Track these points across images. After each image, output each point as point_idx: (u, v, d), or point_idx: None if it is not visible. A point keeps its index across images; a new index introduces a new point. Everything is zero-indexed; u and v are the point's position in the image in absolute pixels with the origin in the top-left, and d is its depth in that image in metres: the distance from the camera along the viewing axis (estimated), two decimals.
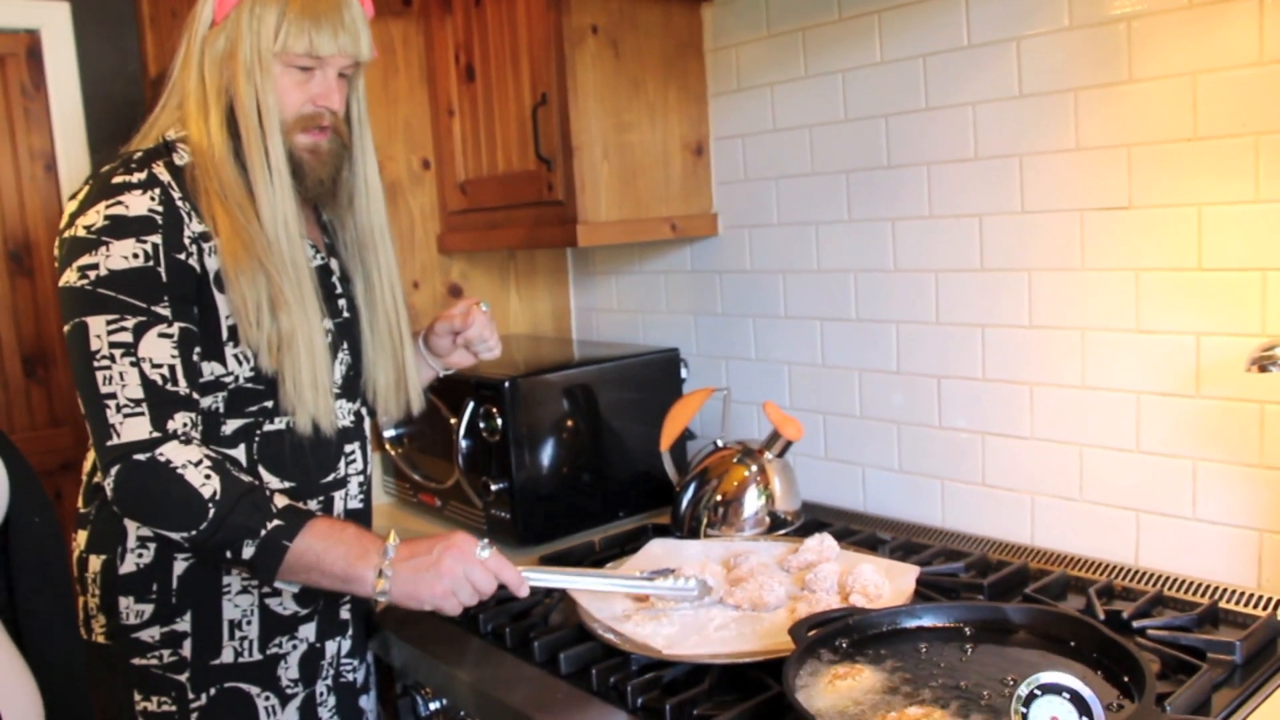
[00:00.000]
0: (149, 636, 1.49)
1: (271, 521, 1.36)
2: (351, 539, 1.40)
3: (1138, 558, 1.67)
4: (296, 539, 1.36)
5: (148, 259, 1.38)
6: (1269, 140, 1.46)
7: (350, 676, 1.65)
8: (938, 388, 1.92)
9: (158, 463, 1.34)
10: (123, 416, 1.35)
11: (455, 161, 2.45)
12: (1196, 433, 1.59)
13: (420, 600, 1.39)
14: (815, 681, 1.23)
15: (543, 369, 2.10)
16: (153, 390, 1.36)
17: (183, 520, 1.35)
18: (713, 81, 2.26)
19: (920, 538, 1.89)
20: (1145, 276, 1.61)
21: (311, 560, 1.37)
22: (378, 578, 1.38)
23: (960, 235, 1.84)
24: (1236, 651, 1.34)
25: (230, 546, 1.36)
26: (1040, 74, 1.69)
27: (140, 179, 1.42)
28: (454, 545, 1.40)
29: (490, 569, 1.41)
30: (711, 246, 2.32)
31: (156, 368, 1.37)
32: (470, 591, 1.40)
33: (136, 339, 1.36)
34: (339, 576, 1.38)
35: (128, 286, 1.37)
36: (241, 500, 1.36)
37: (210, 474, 1.35)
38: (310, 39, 1.45)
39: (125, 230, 1.38)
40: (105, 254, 1.37)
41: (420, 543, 1.42)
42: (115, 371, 1.35)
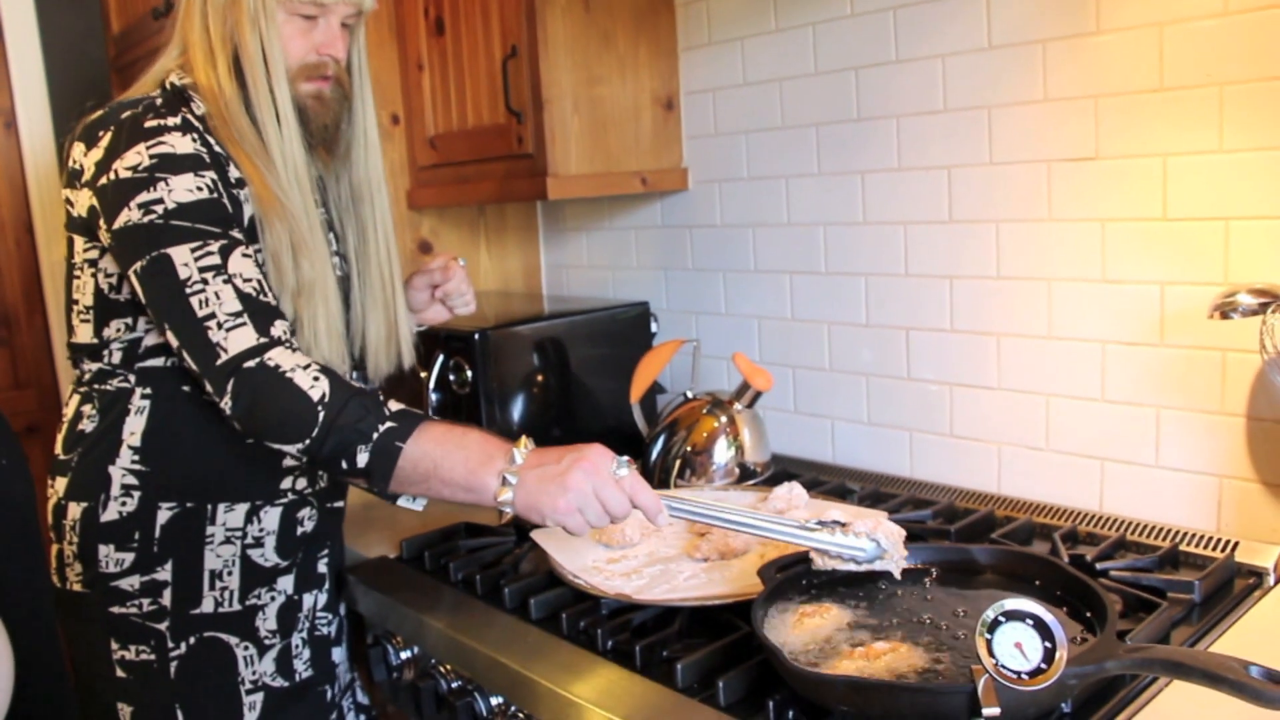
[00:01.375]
0: (128, 585, 1.48)
1: (385, 424, 1.31)
2: (474, 443, 1.33)
3: (1102, 504, 1.70)
4: (410, 442, 1.30)
5: (211, 191, 1.38)
6: (1233, 90, 1.47)
7: (325, 630, 1.65)
8: (906, 339, 1.93)
9: (267, 367, 1.31)
10: (225, 332, 1.32)
11: (425, 116, 2.43)
12: (1160, 381, 1.61)
13: (541, 513, 1.29)
14: (783, 621, 1.24)
15: (513, 322, 2.10)
16: (249, 301, 1.34)
17: (296, 427, 1.30)
18: (683, 35, 2.25)
19: (889, 488, 1.91)
20: (1111, 227, 1.63)
21: (429, 467, 1.31)
22: (501, 485, 1.29)
23: (929, 187, 1.85)
24: (1195, 590, 1.36)
25: (344, 454, 1.31)
26: (1009, 26, 1.70)
27: (176, 123, 1.41)
28: (584, 458, 1.30)
29: (625, 489, 1.30)
30: (682, 201, 2.32)
31: (247, 281, 1.36)
32: (599, 511, 1.29)
33: (224, 259, 1.35)
34: (460, 484, 1.31)
35: (201, 215, 1.36)
36: (350, 402, 1.31)
37: (319, 376, 1.32)
38: None
39: (179, 166, 1.37)
40: (167, 189, 1.36)
41: (550, 452, 1.33)
42: (210, 292, 1.33)
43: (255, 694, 1.54)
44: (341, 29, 1.53)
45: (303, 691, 1.60)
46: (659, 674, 1.28)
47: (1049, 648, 0.96)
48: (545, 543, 1.61)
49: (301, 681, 1.60)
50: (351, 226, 1.66)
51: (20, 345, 3.25)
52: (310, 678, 1.61)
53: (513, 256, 2.80)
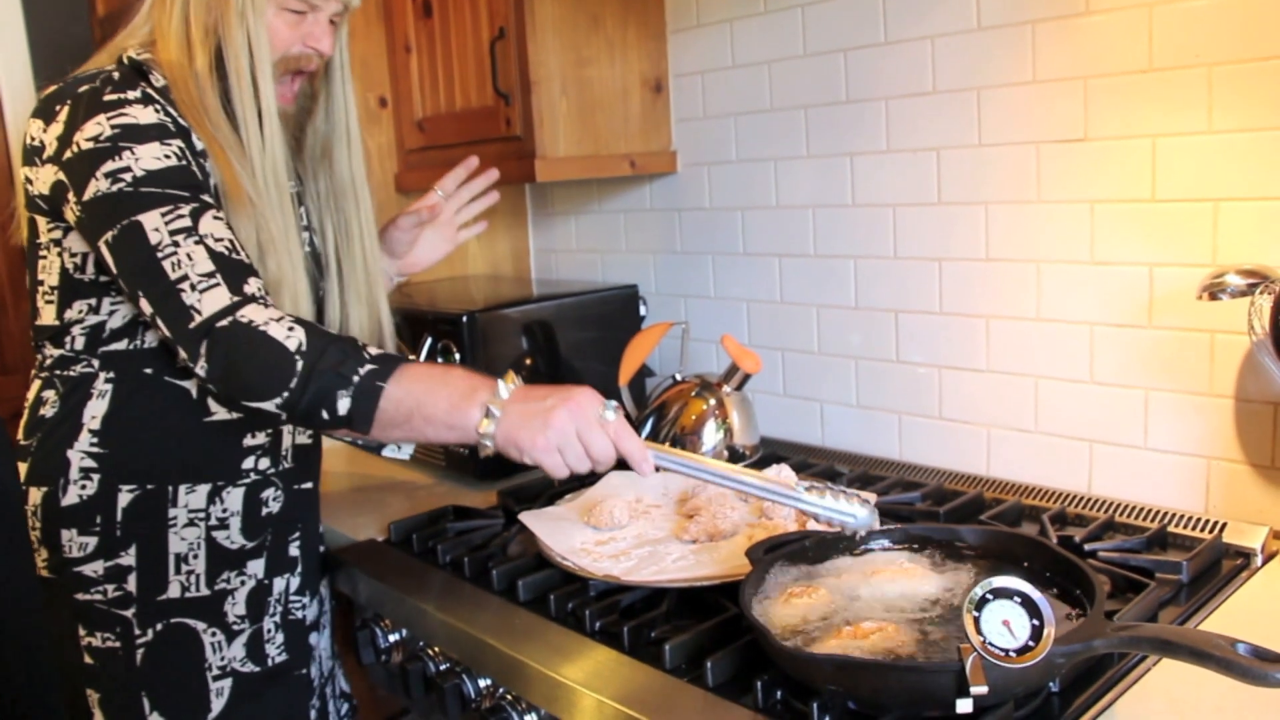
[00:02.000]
0: (92, 571, 1.47)
1: (365, 366, 1.28)
2: (458, 378, 1.31)
3: (1091, 486, 1.70)
4: (391, 381, 1.28)
5: (180, 158, 1.37)
6: (1222, 71, 1.47)
7: (299, 614, 1.63)
8: (895, 322, 1.93)
9: (240, 324, 1.28)
10: (199, 293, 1.30)
11: (413, 99, 2.42)
12: (1148, 363, 1.61)
13: (520, 447, 1.26)
14: (772, 600, 1.24)
15: (501, 304, 2.09)
16: (222, 260, 1.32)
17: (275, 380, 1.27)
18: (672, 18, 2.24)
19: (878, 470, 1.91)
20: (1100, 208, 1.63)
21: (412, 405, 1.28)
22: (484, 417, 1.26)
23: (918, 169, 1.85)
24: (1183, 571, 1.37)
25: (325, 402, 1.28)
26: (998, 7, 1.69)
27: (136, 95, 1.39)
28: (571, 398, 1.27)
29: (610, 434, 1.27)
30: (670, 184, 2.32)
31: (219, 241, 1.33)
32: (580, 454, 1.26)
33: (195, 221, 1.33)
34: (441, 420, 1.28)
35: (170, 181, 1.34)
36: (329, 347, 1.29)
37: (294, 326, 1.29)
38: None
39: (144, 136, 1.36)
40: (133, 157, 1.34)
41: (538, 389, 1.30)
42: (182, 254, 1.31)
43: (223, 680, 1.52)
44: (329, 25, 1.52)
45: (277, 675, 1.58)
46: (647, 655, 1.28)
47: (1036, 625, 0.96)
48: (534, 525, 1.60)
49: (275, 666, 1.58)
50: (332, 223, 1.64)
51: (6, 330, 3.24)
52: (285, 662, 1.59)
53: (501, 240, 2.79)
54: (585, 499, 1.73)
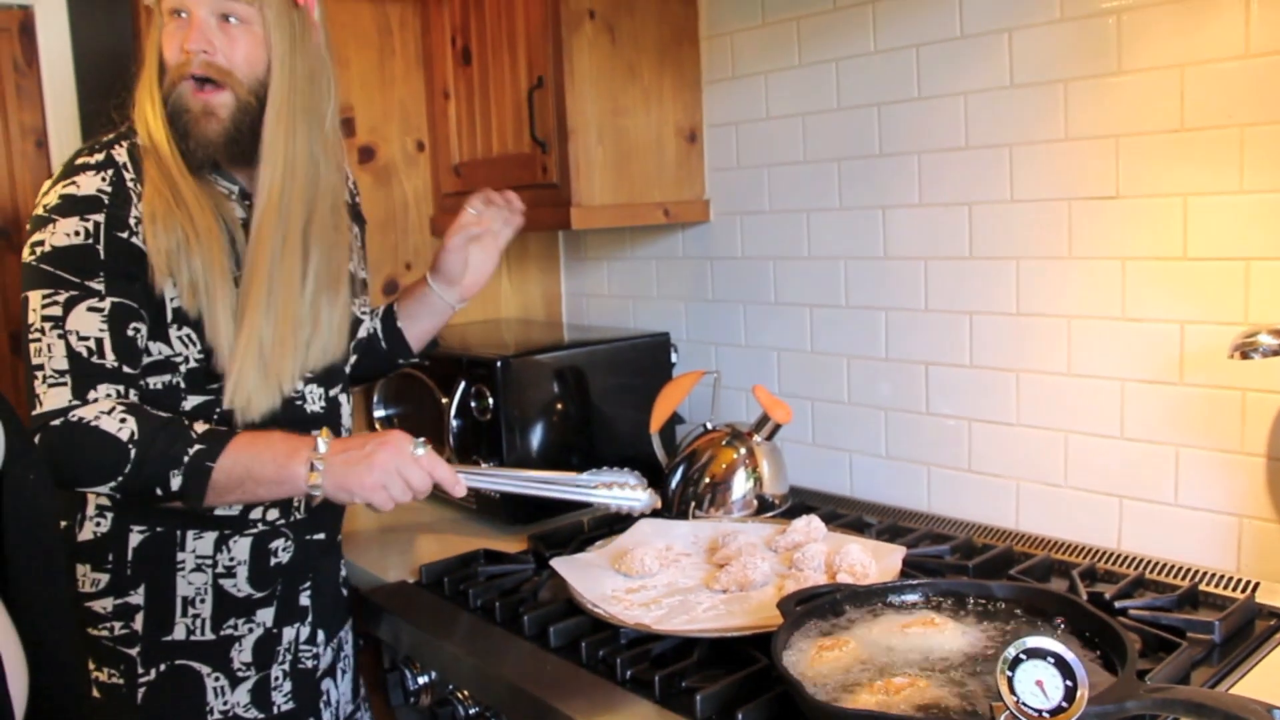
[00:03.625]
0: (102, 607, 1.50)
1: (193, 447, 1.36)
2: (279, 441, 1.41)
3: (1120, 542, 1.70)
4: (220, 457, 1.36)
5: (88, 236, 1.41)
6: (1254, 132, 1.48)
7: (310, 663, 1.64)
8: (925, 374, 1.94)
9: (70, 422, 1.35)
10: (47, 386, 1.37)
11: (450, 144, 2.46)
12: (1179, 420, 1.61)
13: (350, 491, 1.39)
14: (802, 653, 1.25)
15: (535, 350, 2.12)
16: (77, 361, 1.38)
17: (107, 469, 1.35)
18: (707, 69, 2.27)
19: (906, 522, 1.91)
20: (1131, 265, 1.64)
21: (241, 473, 1.37)
22: (310, 471, 1.38)
23: (950, 223, 1.86)
24: (1215, 631, 1.36)
25: (158, 482, 1.36)
26: (1031, 65, 1.72)
27: (98, 160, 1.45)
28: (387, 442, 1.40)
29: (424, 466, 1.41)
30: (703, 233, 2.34)
31: (83, 340, 1.39)
32: (402, 487, 1.40)
33: (66, 312, 1.39)
34: (271, 479, 1.39)
35: (65, 262, 1.40)
36: (159, 433, 1.36)
37: (125, 417, 1.36)
38: None
39: (72, 209, 1.42)
40: (51, 231, 1.41)
41: (353, 439, 1.43)
42: (45, 343, 1.38)
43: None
44: (222, 22, 1.47)
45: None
46: (679, 705, 1.29)
47: (1070, 686, 0.96)
48: (565, 571, 1.62)
49: (280, 714, 1.59)
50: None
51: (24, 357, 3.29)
52: (291, 710, 1.60)
53: (534, 284, 2.82)
54: (616, 546, 1.74)
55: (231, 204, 1.54)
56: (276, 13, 1.49)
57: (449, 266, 1.77)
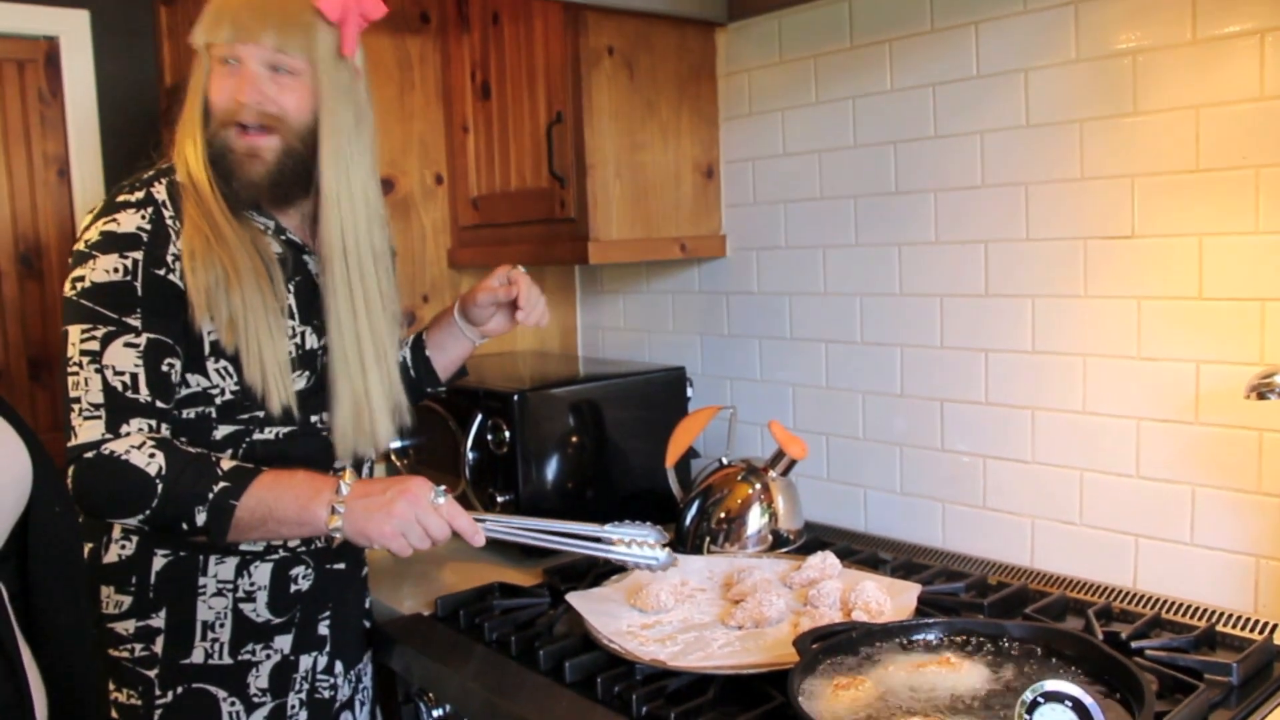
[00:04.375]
0: (124, 629, 1.51)
1: (219, 484, 1.39)
2: (302, 482, 1.42)
3: (1136, 582, 1.70)
4: (244, 495, 1.39)
5: (126, 274, 1.44)
6: (1269, 173, 1.49)
7: (326, 693, 1.65)
8: (940, 411, 1.95)
9: (102, 455, 1.38)
10: (82, 419, 1.41)
11: (468, 177, 2.48)
12: (1195, 459, 1.62)
13: (369, 537, 1.41)
14: (818, 691, 1.25)
15: (551, 383, 2.13)
16: (112, 396, 1.41)
17: (134, 502, 1.38)
18: (725, 105, 2.29)
19: (921, 558, 1.91)
20: (1147, 304, 1.64)
21: (264, 512, 1.40)
22: (330, 515, 1.40)
23: (965, 261, 1.87)
24: (1233, 673, 1.36)
25: (183, 517, 1.39)
26: (1047, 105, 1.73)
27: (138, 198, 1.49)
28: (408, 489, 1.42)
29: (443, 515, 1.42)
30: (719, 268, 2.35)
31: (119, 375, 1.42)
32: (420, 534, 1.41)
33: (103, 347, 1.42)
34: (293, 520, 1.41)
35: (104, 298, 1.43)
36: (187, 469, 1.39)
37: (154, 452, 1.39)
38: (211, 29, 1.51)
39: (112, 246, 1.45)
40: (91, 267, 1.44)
41: (375, 483, 1.45)
42: (82, 377, 1.42)
43: None
44: (273, 74, 1.51)
45: None
46: None
47: None
48: (580, 606, 1.62)
49: None
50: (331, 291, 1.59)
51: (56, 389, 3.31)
52: None
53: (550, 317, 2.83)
54: (631, 581, 1.74)
55: (268, 239, 1.57)
56: (325, 64, 1.53)
57: (474, 316, 1.80)
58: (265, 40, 1.49)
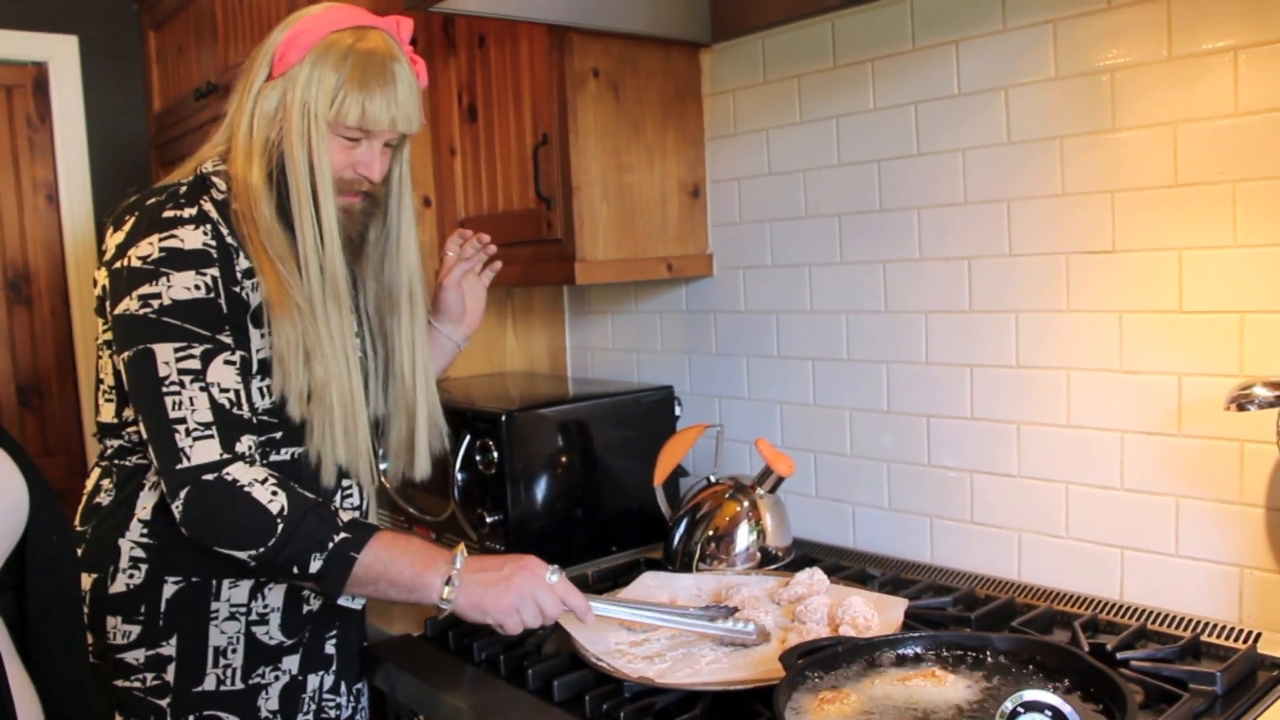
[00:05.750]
0: (134, 659, 1.50)
1: (339, 534, 1.41)
2: (419, 549, 1.45)
3: (1122, 593, 1.71)
4: (364, 551, 1.41)
5: (209, 290, 1.43)
6: (1245, 187, 1.51)
7: (332, 713, 1.65)
8: (926, 427, 1.96)
9: (225, 482, 1.38)
10: (193, 440, 1.39)
11: (456, 199, 2.49)
12: (1179, 471, 1.63)
13: (485, 611, 1.43)
14: (804, 706, 1.25)
15: (539, 404, 2.14)
16: (221, 414, 1.41)
17: (252, 538, 1.39)
18: (710, 125, 2.31)
19: (909, 573, 1.92)
20: (1128, 318, 1.66)
21: (379, 571, 1.42)
22: (445, 585, 1.42)
23: (949, 277, 1.89)
24: (1217, 682, 1.37)
25: (297, 561, 1.40)
26: (1028, 122, 1.75)
27: (192, 214, 1.46)
28: (525, 566, 1.45)
29: (558, 594, 1.46)
30: (706, 287, 2.37)
31: (224, 392, 1.42)
32: (535, 612, 1.44)
33: (205, 365, 1.41)
34: (406, 585, 1.42)
35: (193, 316, 1.42)
36: (308, 515, 1.40)
37: (277, 490, 1.40)
38: (364, 111, 1.50)
39: (184, 263, 1.43)
40: (167, 284, 1.42)
41: (490, 559, 1.47)
42: (185, 396, 1.40)
43: None
44: (383, 148, 1.58)
45: None
46: None
47: None
48: (569, 624, 1.62)
49: None
50: (379, 334, 1.71)
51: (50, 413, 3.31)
52: None
53: (539, 338, 2.85)
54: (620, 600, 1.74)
55: None
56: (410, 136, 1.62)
57: (449, 304, 1.85)
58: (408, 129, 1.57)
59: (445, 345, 1.88)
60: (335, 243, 1.52)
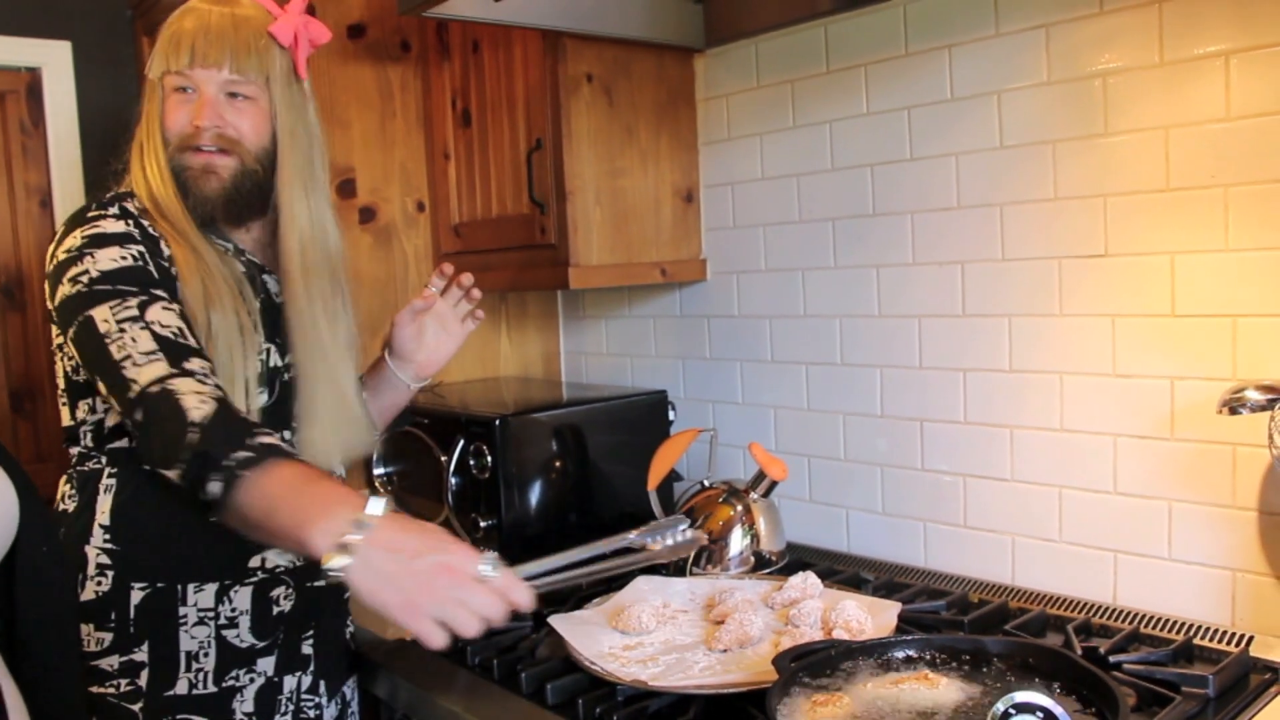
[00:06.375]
0: (108, 665, 1.49)
1: (240, 452, 1.22)
2: (319, 493, 1.19)
3: (1116, 597, 1.71)
4: (255, 473, 1.20)
5: (136, 260, 1.44)
6: (1237, 191, 1.51)
7: (312, 712, 1.64)
8: (920, 431, 1.96)
9: (166, 391, 1.29)
10: (138, 367, 1.32)
11: (450, 204, 2.49)
12: (1171, 474, 1.63)
13: (387, 607, 1.11)
14: (797, 709, 1.25)
15: (533, 408, 2.14)
16: (165, 342, 1.36)
17: (174, 450, 1.25)
18: (703, 130, 2.31)
19: (903, 577, 1.92)
20: (1121, 322, 1.66)
21: (264, 508, 1.19)
22: (336, 551, 1.11)
23: (942, 282, 1.89)
24: (1210, 685, 1.37)
25: (204, 480, 1.22)
26: (1020, 126, 1.75)
27: (114, 211, 1.49)
28: (448, 565, 1.13)
29: (498, 591, 1.15)
30: (700, 291, 2.37)
31: (165, 327, 1.38)
32: (467, 619, 1.13)
33: (142, 311, 1.38)
34: (289, 538, 1.17)
35: (122, 279, 1.41)
36: (227, 428, 1.26)
37: (207, 401, 1.28)
38: (168, 58, 1.51)
39: (107, 242, 1.44)
40: (93, 260, 1.42)
41: (413, 533, 1.16)
42: (127, 338, 1.35)
43: None
44: (229, 99, 1.54)
45: None
46: None
47: None
48: (562, 628, 1.62)
49: None
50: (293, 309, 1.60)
51: (43, 419, 3.30)
52: None
53: (533, 343, 2.84)
54: (613, 604, 1.74)
55: (231, 259, 1.59)
56: (281, 88, 1.57)
57: (397, 342, 1.77)
58: (223, 66, 1.52)
59: (395, 382, 1.79)
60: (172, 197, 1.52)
